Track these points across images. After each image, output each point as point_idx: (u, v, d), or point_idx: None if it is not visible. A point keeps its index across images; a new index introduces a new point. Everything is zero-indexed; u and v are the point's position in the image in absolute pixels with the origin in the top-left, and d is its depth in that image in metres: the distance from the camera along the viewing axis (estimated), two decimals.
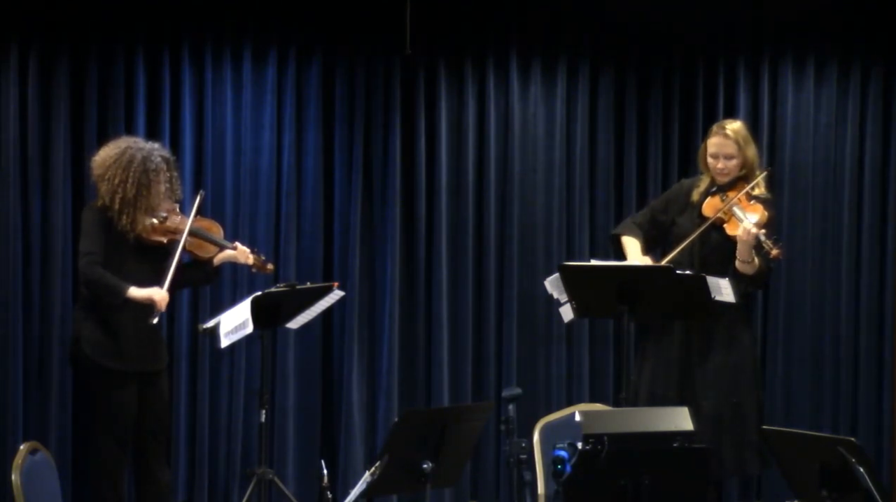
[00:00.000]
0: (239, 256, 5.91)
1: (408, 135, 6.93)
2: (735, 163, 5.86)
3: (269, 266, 6.06)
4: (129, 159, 5.64)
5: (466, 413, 5.11)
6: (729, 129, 5.88)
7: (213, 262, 5.92)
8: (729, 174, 5.87)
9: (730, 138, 5.85)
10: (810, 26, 7.19)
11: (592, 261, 6.25)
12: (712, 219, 5.78)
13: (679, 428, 4.46)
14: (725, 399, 5.76)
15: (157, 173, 5.69)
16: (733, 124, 5.95)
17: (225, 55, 6.74)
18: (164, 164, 5.73)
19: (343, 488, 6.62)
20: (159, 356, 5.81)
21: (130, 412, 5.71)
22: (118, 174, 5.63)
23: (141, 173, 5.63)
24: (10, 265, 6.45)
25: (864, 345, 7.25)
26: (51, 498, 4.54)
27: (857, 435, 6.96)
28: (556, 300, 5.81)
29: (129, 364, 5.66)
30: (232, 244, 5.93)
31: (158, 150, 5.76)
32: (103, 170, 5.68)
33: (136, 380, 5.70)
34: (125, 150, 5.68)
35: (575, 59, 7.09)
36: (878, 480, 4.15)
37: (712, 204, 5.85)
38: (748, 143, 5.90)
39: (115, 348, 5.65)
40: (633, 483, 4.34)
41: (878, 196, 7.26)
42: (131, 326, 5.66)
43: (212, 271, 5.96)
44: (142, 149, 5.70)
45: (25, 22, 6.49)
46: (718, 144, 5.87)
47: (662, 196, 6.22)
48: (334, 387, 6.90)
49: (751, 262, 5.69)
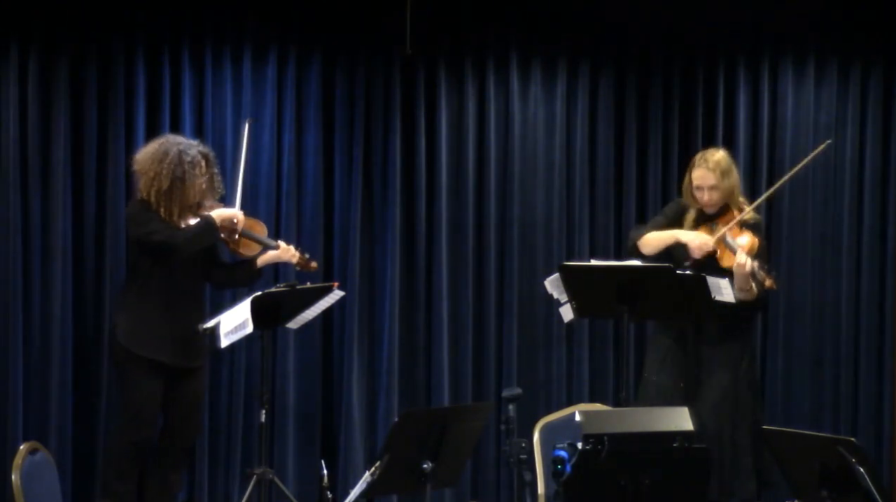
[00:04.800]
0: (283, 254, 5.95)
1: (408, 136, 6.93)
2: (718, 195, 5.90)
3: (313, 264, 6.09)
4: (164, 153, 5.75)
5: (466, 413, 5.12)
6: (711, 161, 5.90)
7: (257, 263, 5.95)
8: (715, 205, 5.92)
9: (710, 170, 5.88)
10: (810, 26, 7.20)
11: (592, 261, 6.25)
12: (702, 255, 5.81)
13: (679, 428, 4.46)
14: (725, 421, 5.77)
15: (194, 166, 5.77)
16: (714, 155, 5.96)
17: (225, 55, 6.74)
18: (201, 159, 5.82)
19: (343, 488, 6.62)
20: (194, 353, 5.83)
21: (154, 403, 5.75)
22: (153, 167, 5.75)
23: (175, 165, 5.72)
24: (10, 265, 6.45)
25: (864, 345, 7.25)
26: (51, 498, 4.54)
27: (857, 435, 6.96)
28: (556, 300, 5.81)
29: (160, 355, 5.71)
30: (275, 243, 5.97)
31: (197, 146, 5.87)
32: (141, 165, 5.80)
33: (164, 373, 5.74)
34: (162, 145, 5.81)
35: (575, 59, 7.09)
36: (878, 480, 4.15)
37: (704, 233, 5.88)
38: (729, 173, 5.92)
39: (148, 338, 5.71)
40: (633, 483, 4.34)
41: (878, 196, 7.27)
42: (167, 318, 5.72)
43: (255, 272, 6.00)
44: (179, 143, 5.82)
45: (25, 22, 6.49)
46: (702, 177, 5.91)
47: (661, 215, 6.16)
48: (334, 387, 6.90)
49: (749, 290, 5.72)
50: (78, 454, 6.51)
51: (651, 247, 5.93)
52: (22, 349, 6.47)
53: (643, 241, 5.95)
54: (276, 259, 6.00)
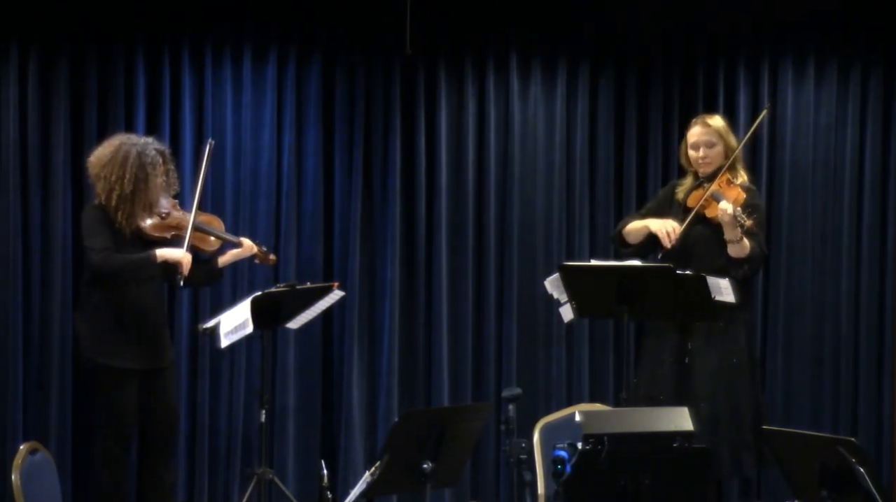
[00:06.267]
0: (244, 251, 5.93)
1: (408, 136, 6.93)
2: (718, 149, 5.92)
3: (272, 257, 6.08)
4: (125, 156, 5.65)
5: (466, 413, 5.12)
6: (709, 120, 5.97)
7: (218, 263, 5.93)
8: (712, 163, 5.92)
9: (710, 127, 5.93)
10: (810, 26, 7.20)
11: (592, 261, 6.25)
12: (696, 208, 5.81)
13: (679, 429, 4.46)
14: (722, 400, 5.76)
15: (154, 167, 5.70)
16: (712, 117, 6.03)
17: (225, 55, 6.74)
18: (159, 158, 5.74)
19: (343, 488, 6.62)
20: (162, 353, 5.79)
21: (132, 410, 5.70)
22: (114, 171, 5.64)
23: (137, 168, 5.64)
24: (10, 265, 6.45)
25: (864, 345, 7.25)
26: (51, 498, 4.54)
27: (857, 436, 6.96)
28: (556, 300, 5.81)
29: (129, 361, 5.66)
30: (237, 238, 5.95)
31: (153, 144, 5.77)
32: (99, 169, 5.68)
33: (137, 378, 5.70)
34: (119, 148, 5.68)
35: (575, 59, 7.09)
36: (878, 480, 4.15)
37: (696, 195, 5.91)
38: (728, 133, 5.98)
39: (115, 346, 5.65)
40: (633, 483, 4.34)
41: (878, 196, 7.27)
42: (131, 324, 5.66)
43: (216, 270, 5.97)
44: (136, 144, 5.71)
45: (25, 22, 6.49)
46: (699, 133, 5.94)
47: (654, 199, 6.26)
48: (334, 387, 6.90)
49: (739, 242, 5.72)
50: (78, 454, 6.51)
51: (633, 237, 6.00)
52: (22, 349, 6.47)
53: (627, 230, 6.00)
54: (238, 257, 5.97)
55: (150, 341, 5.72)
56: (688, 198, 5.94)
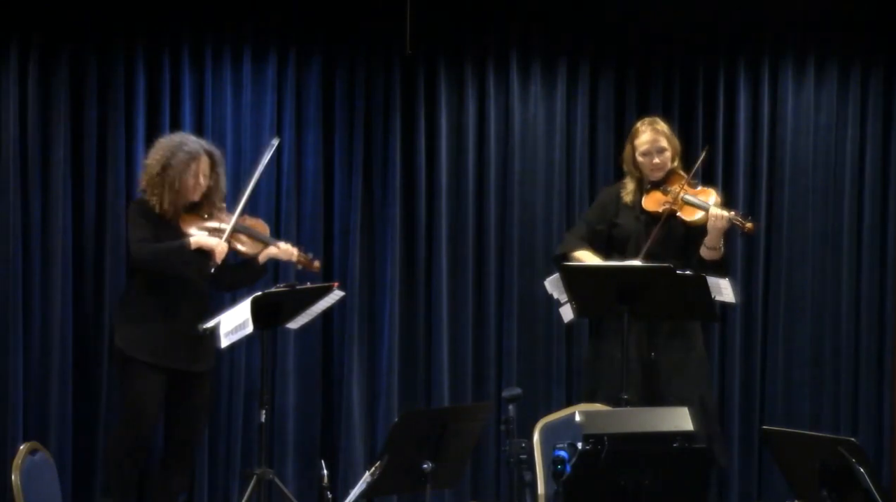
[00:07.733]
0: (282, 255, 5.94)
1: (408, 136, 6.93)
2: (668, 154, 5.96)
3: (316, 263, 6.09)
4: (164, 144, 5.80)
5: (466, 413, 5.12)
6: (657, 125, 6.01)
7: (259, 260, 5.96)
8: (663, 168, 5.96)
9: (659, 132, 5.94)
10: (810, 26, 7.19)
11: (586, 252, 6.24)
12: (665, 212, 5.82)
13: (679, 429, 4.46)
14: (690, 394, 5.76)
15: (191, 157, 5.76)
16: (656, 121, 6.07)
17: (225, 55, 6.74)
18: (202, 154, 5.80)
19: (343, 488, 6.61)
20: (197, 357, 5.81)
21: (153, 407, 5.73)
22: (152, 156, 5.80)
23: (170, 152, 5.74)
24: (10, 265, 6.45)
25: (864, 345, 7.25)
26: (51, 498, 4.54)
27: (857, 436, 6.96)
28: (556, 300, 5.81)
29: (159, 359, 5.71)
30: (275, 243, 5.97)
31: (199, 141, 5.88)
32: (146, 158, 5.84)
33: (164, 377, 5.73)
34: (163, 139, 5.86)
35: (575, 59, 7.09)
36: (878, 480, 4.15)
37: (655, 198, 5.93)
38: (672, 135, 6.04)
39: (147, 342, 5.71)
40: (633, 483, 4.34)
41: (879, 196, 7.27)
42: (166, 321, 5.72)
43: (259, 268, 6.01)
44: (183, 136, 5.88)
45: (25, 22, 6.49)
46: (651, 141, 5.98)
47: (593, 207, 6.30)
48: (334, 387, 6.89)
49: (718, 249, 5.74)
50: (78, 454, 6.51)
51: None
52: (22, 349, 6.47)
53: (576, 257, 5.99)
54: (276, 255, 6.00)
55: (185, 342, 5.74)
56: (644, 203, 5.94)
